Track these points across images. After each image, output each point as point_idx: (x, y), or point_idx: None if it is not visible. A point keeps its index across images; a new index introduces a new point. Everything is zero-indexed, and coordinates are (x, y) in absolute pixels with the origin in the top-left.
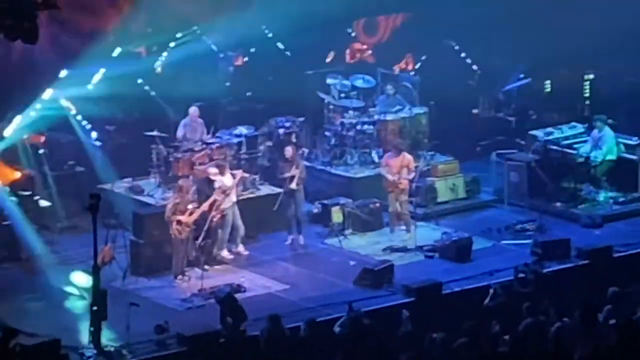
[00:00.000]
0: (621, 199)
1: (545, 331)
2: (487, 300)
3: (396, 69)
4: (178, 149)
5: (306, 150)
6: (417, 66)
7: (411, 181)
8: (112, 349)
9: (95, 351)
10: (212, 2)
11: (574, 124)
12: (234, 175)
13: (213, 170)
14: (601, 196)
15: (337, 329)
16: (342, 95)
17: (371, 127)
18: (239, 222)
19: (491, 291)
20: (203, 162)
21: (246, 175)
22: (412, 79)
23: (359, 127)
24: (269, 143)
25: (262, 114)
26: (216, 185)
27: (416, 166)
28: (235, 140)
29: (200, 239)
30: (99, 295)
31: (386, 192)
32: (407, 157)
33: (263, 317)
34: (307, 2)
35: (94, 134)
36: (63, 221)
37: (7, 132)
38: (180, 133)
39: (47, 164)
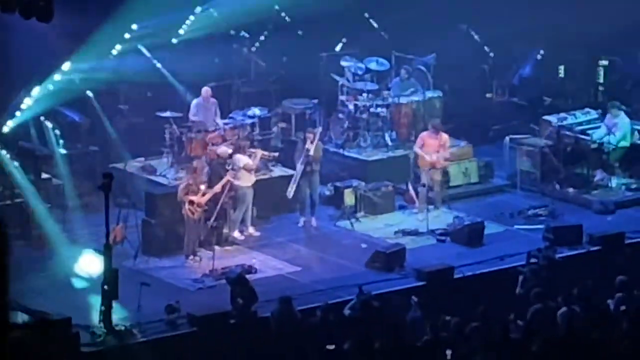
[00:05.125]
0: (634, 186)
1: (554, 317)
2: (518, 289)
3: None
4: (191, 129)
5: (320, 129)
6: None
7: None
8: (122, 328)
9: (105, 330)
10: None
11: (587, 109)
12: (252, 155)
13: (223, 149)
14: (614, 182)
15: (347, 311)
16: (356, 77)
17: (385, 110)
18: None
19: (521, 277)
20: (216, 143)
21: (266, 153)
22: (427, 62)
23: (372, 109)
24: (282, 124)
25: (275, 95)
26: (239, 163)
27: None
28: (249, 121)
29: (212, 219)
30: (110, 275)
31: (419, 169)
32: (444, 136)
33: (274, 299)
34: None
35: (106, 113)
36: (75, 200)
37: (22, 107)
38: (192, 113)
39: (60, 143)
